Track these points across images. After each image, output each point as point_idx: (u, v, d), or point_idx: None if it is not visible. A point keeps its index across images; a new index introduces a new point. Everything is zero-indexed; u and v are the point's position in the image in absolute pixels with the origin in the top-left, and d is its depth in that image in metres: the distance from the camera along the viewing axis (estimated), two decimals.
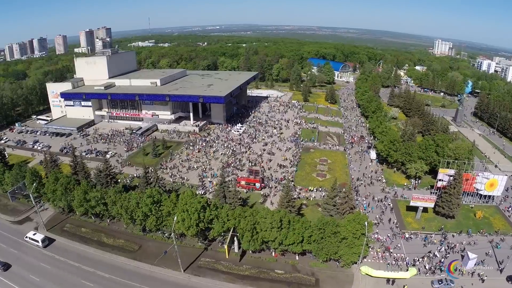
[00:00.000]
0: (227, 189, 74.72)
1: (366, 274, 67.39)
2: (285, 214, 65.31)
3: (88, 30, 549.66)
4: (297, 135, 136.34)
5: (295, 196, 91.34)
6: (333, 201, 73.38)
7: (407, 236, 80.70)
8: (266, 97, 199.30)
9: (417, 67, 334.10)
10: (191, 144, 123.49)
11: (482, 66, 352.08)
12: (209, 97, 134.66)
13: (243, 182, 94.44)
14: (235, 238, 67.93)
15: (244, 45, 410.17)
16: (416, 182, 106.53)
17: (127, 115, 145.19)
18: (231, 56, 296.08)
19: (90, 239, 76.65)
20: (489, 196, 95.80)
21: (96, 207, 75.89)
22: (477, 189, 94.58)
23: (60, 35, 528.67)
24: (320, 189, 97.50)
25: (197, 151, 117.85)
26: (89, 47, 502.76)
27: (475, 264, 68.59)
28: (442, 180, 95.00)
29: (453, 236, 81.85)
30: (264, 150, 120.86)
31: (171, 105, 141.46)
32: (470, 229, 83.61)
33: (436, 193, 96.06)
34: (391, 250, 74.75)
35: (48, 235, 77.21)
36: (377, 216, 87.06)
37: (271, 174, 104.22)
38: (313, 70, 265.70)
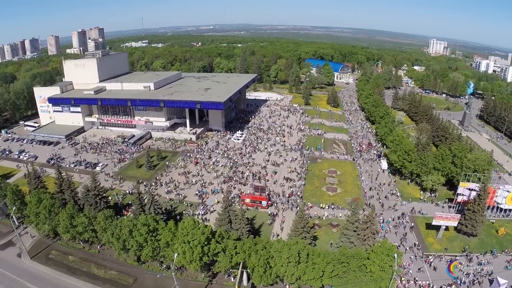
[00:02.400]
0: (233, 213, 65.88)
1: None
2: (303, 247, 56.78)
3: (80, 30, 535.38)
4: (302, 144, 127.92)
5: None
6: (353, 226, 65.06)
7: (431, 260, 72.94)
8: (265, 100, 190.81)
9: (415, 67, 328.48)
10: (188, 154, 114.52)
11: (481, 66, 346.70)
12: (207, 103, 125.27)
13: (248, 200, 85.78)
14: (244, 272, 59.34)
15: (239, 45, 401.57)
16: (433, 195, 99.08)
17: (119, 122, 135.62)
18: (226, 57, 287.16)
19: (79, 270, 67.62)
20: (510, 210, 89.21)
21: (84, 233, 66.84)
22: (497, 203, 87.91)
23: (52, 35, 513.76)
24: (332, 206, 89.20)
25: (194, 163, 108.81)
26: (81, 48, 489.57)
27: None
28: (463, 195, 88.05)
29: (477, 257, 74.45)
30: (268, 161, 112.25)
31: (165, 111, 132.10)
32: (495, 249, 76.83)
33: (454, 207, 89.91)
34: (416, 278, 66.91)
35: (32, 265, 68.35)
36: (396, 235, 79.36)
37: (278, 190, 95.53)
38: (312, 71, 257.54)
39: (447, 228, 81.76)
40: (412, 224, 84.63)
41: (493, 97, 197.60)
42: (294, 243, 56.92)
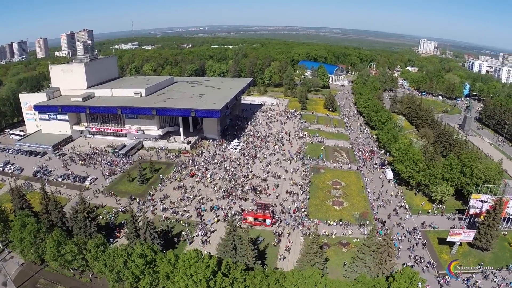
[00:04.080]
0: (239, 239, 59.98)
1: None
2: (320, 278, 51.28)
3: (69, 32, 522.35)
4: (302, 152, 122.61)
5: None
6: (370, 250, 59.82)
7: (448, 279, 67.92)
8: (261, 105, 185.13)
9: (408, 68, 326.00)
10: (183, 166, 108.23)
11: (474, 66, 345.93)
12: (203, 111, 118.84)
13: (250, 219, 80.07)
14: None
15: (231, 47, 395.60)
16: (441, 206, 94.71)
17: (109, 130, 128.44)
18: (218, 60, 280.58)
19: None
20: None
21: (74, 262, 60.39)
22: (509, 214, 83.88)
23: (41, 38, 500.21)
24: (340, 222, 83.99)
25: (190, 175, 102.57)
26: (70, 50, 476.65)
27: None
28: (475, 207, 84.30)
29: (493, 273, 70.33)
30: (268, 172, 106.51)
31: (158, 119, 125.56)
32: (511, 264, 73.01)
33: (466, 220, 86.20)
34: None
35: None
36: (410, 255, 74.51)
37: (281, 204, 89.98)
38: (306, 74, 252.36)
39: (460, 243, 77.40)
40: (425, 241, 79.86)
41: (490, 98, 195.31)
42: (310, 274, 51.37)
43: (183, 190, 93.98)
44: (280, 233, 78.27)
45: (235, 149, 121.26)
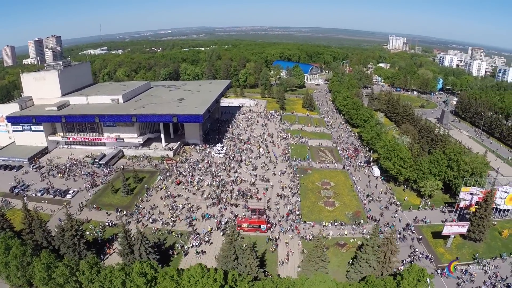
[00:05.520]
0: (240, 249, 57.74)
1: None
2: (331, 283, 50.02)
3: (37, 39, 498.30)
4: (287, 154, 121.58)
5: (310, 237, 77.24)
6: (373, 250, 59.08)
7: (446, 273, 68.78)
8: (239, 107, 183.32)
9: (381, 65, 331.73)
10: (168, 173, 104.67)
11: (445, 61, 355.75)
12: (185, 116, 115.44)
13: (245, 225, 77.90)
14: None
15: (202, 49, 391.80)
16: (429, 200, 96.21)
17: (87, 140, 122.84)
18: (192, 62, 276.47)
19: None
20: (507, 210, 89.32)
21: (66, 285, 56.35)
22: (496, 205, 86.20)
23: (8, 45, 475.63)
24: (335, 223, 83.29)
25: (176, 183, 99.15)
26: (38, 58, 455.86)
27: None
28: (464, 200, 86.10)
29: (487, 263, 72.02)
30: (256, 176, 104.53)
31: (138, 126, 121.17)
32: (504, 253, 75.63)
33: (456, 212, 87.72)
34: None
35: None
36: (411, 252, 74.68)
37: (273, 209, 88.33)
38: (282, 74, 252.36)
39: (454, 236, 78.41)
40: (420, 236, 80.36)
41: (460, 91, 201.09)
42: (321, 279, 49.96)
43: (172, 199, 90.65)
44: (276, 238, 76.61)
45: (219, 153, 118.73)
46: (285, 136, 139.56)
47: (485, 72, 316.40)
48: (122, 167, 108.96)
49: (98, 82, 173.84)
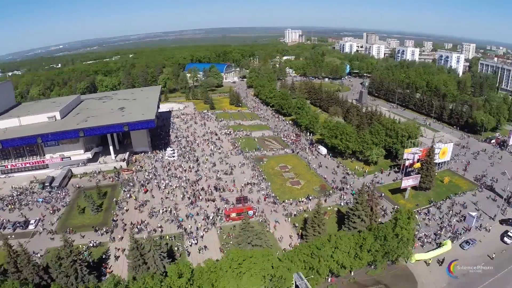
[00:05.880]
0: (253, 231, 61.47)
1: (417, 260, 67.52)
2: (352, 236, 57.82)
3: None
4: (238, 147, 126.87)
5: (294, 212, 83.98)
6: (362, 206, 68.19)
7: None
8: (170, 112, 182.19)
9: (286, 57, 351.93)
10: (131, 183, 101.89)
11: (345, 48, 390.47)
12: (136, 123, 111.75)
13: (234, 214, 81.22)
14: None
15: (107, 59, 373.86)
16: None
17: (27, 165, 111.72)
18: (104, 73, 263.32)
19: None
20: (441, 163, 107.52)
21: None
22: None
23: None
24: (310, 197, 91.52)
25: (144, 191, 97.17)
26: None
27: (476, 221, 77.60)
28: (408, 159, 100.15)
29: (440, 204, 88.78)
30: (218, 171, 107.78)
31: (82, 141, 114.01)
32: (451, 194, 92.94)
33: (403, 171, 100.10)
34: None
35: None
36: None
37: (249, 196, 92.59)
38: (199, 75, 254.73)
39: (404, 189, 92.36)
40: (382, 194, 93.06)
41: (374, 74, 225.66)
42: (344, 235, 57.73)
43: (148, 207, 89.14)
44: (265, 220, 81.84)
45: (173, 156, 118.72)
46: (228, 132, 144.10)
47: (384, 54, 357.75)
48: (78, 186, 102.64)
49: (24, 103, 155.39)
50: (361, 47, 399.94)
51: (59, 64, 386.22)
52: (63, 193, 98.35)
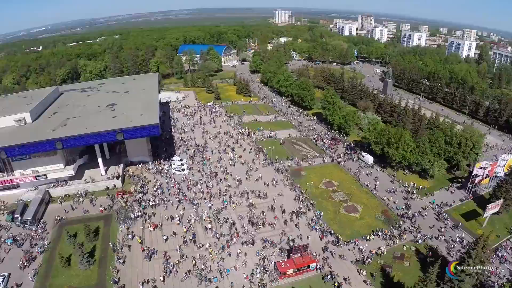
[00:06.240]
0: None
1: None
2: None
3: None
4: (265, 155, 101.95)
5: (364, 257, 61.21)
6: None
7: (500, 254, 64.47)
8: (167, 103, 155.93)
9: (282, 39, 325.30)
10: (132, 215, 74.74)
11: (344, 30, 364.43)
12: (134, 130, 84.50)
13: (291, 271, 57.56)
14: None
15: (91, 41, 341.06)
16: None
17: None
18: (88, 57, 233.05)
19: None
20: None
21: None
22: (496, 173, 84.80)
23: None
24: (379, 233, 69.33)
25: (152, 227, 71.66)
26: None
27: None
28: (477, 175, 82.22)
29: None
30: (248, 193, 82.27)
31: (62, 153, 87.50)
32: None
33: (470, 189, 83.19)
34: None
35: None
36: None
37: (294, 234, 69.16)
38: (196, 59, 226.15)
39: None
40: (457, 223, 73.30)
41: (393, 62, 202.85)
42: None
43: (161, 255, 64.19)
44: (332, 273, 58.79)
45: (182, 170, 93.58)
46: (245, 132, 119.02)
47: (387, 38, 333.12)
48: (58, 217, 76.10)
49: None
50: (358, 29, 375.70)
51: (40, 47, 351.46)
52: (40, 231, 72.09)
